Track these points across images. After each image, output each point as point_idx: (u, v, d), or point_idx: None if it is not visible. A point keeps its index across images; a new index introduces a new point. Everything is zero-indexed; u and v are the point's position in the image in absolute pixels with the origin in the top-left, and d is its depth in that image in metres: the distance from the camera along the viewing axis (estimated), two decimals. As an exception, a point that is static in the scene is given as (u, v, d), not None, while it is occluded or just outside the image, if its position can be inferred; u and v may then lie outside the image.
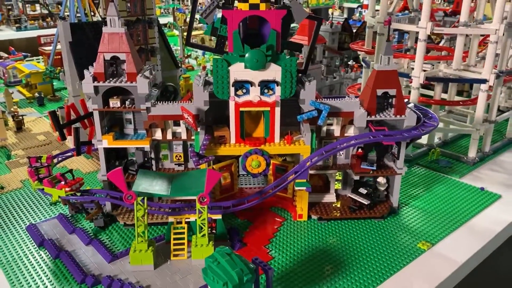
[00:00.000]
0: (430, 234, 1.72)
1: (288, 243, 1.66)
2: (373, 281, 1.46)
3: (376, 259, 1.57)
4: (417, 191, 2.04)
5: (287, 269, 1.52)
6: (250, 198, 1.66)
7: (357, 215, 1.80)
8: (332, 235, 1.71)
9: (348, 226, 1.77)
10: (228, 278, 1.16)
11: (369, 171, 1.78)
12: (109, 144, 1.65)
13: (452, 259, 1.58)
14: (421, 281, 1.48)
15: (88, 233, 1.68)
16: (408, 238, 1.69)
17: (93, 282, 1.43)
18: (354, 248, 1.63)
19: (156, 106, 1.64)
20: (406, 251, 1.61)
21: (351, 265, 1.54)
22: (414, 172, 2.23)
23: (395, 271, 1.51)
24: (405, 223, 1.79)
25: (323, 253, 1.60)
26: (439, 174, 2.20)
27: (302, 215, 1.80)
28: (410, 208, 1.90)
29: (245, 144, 1.68)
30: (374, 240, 1.68)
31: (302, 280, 1.46)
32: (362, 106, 1.70)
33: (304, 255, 1.59)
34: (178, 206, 1.62)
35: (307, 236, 1.71)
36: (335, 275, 1.48)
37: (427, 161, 2.32)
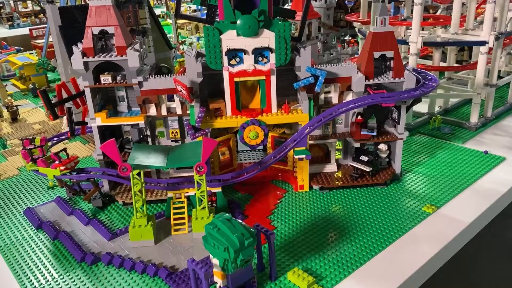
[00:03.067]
0: (434, 197, 1.68)
1: (290, 213, 1.63)
2: (378, 245, 1.43)
3: (381, 223, 1.54)
4: (419, 158, 2.01)
5: (290, 237, 1.49)
6: (249, 169, 1.63)
7: (359, 182, 1.76)
8: (335, 204, 1.68)
9: (351, 194, 1.74)
10: (229, 243, 1.13)
11: (369, 137, 1.74)
12: (103, 121, 1.62)
13: (459, 220, 1.55)
14: (428, 242, 1.44)
15: (86, 214, 1.65)
16: (413, 203, 1.66)
17: (93, 260, 1.40)
18: (358, 215, 1.60)
19: (149, 81, 1.60)
20: (411, 215, 1.58)
21: (356, 230, 1.51)
22: (416, 140, 2.19)
23: (401, 234, 1.48)
24: (408, 189, 1.76)
25: (326, 221, 1.57)
26: (441, 141, 2.16)
27: (303, 185, 1.77)
28: (413, 174, 1.87)
29: (242, 115, 1.65)
30: (378, 206, 1.65)
31: (306, 247, 1.43)
32: (360, 71, 1.66)
33: (307, 224, 1.56)
34: (177, 181, 1.59)
35: (309, 205, 1.67)
36: (340, 241, 1.45)
37: (429, 129, 2.28)
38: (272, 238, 1.26)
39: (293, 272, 1.31)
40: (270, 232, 1.26)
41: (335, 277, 1.30)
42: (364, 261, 1.36)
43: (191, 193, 1.56)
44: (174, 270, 1.35)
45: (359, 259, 1.37)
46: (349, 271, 1.32)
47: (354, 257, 1.38)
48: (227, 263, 1.15)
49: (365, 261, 1.37)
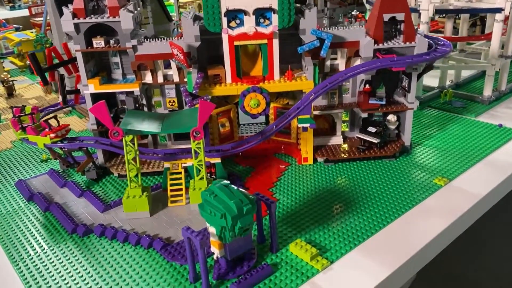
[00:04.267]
0: (446, 170, 1.59)
1: (293, 186, 1.54)
2: (386, 217, 1.35)
3: (389, 196, 1.45)
4: (430, 131, 1.91)
5: (293, 209, 1.41)
6: (250, 140, 1.54)
7: (366, 155, 1.67)
8: (341, 176, 1.59)
9: (357, 166, 1.65)
10: (226, 209, 1.05)
11: (377, 107, 1.65)
12: (96, 89, 1.53)
13: (472, 193, 1.46)
14: (439, 215, 1.36)
15: (80, 186, 1.58)
16: (423, 175, 1.57)
17: (85, 231, 1.33)
18: (364, 187, 1.51)
19: (143, 44, 1.51)
20: (422, 187, 1.49)
21: (362, 203, 1.42)
22: (426, 114, 2.09)
23: (410, 206, 1.40)
24: (419, 161, 1.67)
25: (331, 194, 1.49)
26: (452, 115, 2.06)
27: (307, 158, 1.69)
28: (424, 147, 1.77)
29: (242, 82, 1.56)
30: (386, 178, 1.56)
31: (310, 219, 1.35)
32: (368, 35, 1.56)
33: (311, 196, 1.48)
34: (174, 151, 1.51)
35: (313, 178, 1.59)
36: (345, 214, 1.37)
37: (439, 102, 2.18)
38: (273, 207, 1.18)
39: (295, 244, 1.23)
40: (271, 201, 1.18)
41: (340, 250, 1.22)
42: (371, 234, 1.28)
43: (189, 163, 1.48)
44: (170, 241, 1.28)
45: (365, 231, 1.29)
46: (355, 243, 1.24)
47: (360, 229, 1.30)
48: (225, 231, 1.07)
49: (372, 233, 1.28)
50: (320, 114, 1.72)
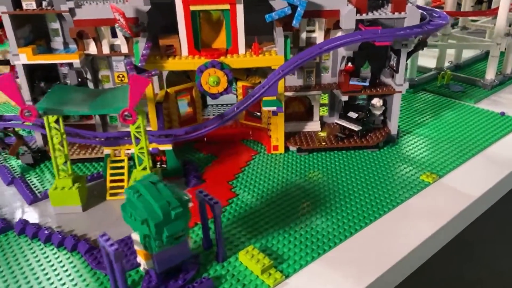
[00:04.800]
0: (437, 164, 1.37)
1: (258, 179, 1.33)
2: (361, 220, 1.13)
3: (367, 194, 1.23)
4: (422, 118, 1.68)
5: (252, 208, 1.20)
6: (208, 124, 1.32)
7: (345, 144, 1.45)
8: (314, 169, 1.37)
9: (334, 157, 1.43)
10: (149, 214, 0.83)
11: (360, 89, 1.42)
12: (29, 59, 1.31)
13: (464, 193, 1.24)
14: (424, 219, 1.14)
15: (12, 172, 1.37)
16: (409, 170, 1.35)
17: (2, 228, 1.12)
18: (339, 183, 1.29)
19: (83, 8, 1.28)
20: (406, 184, 1.28)
21: (334, 202, 1.21)
22: (420, 98, 1.86)
23: (390, 207, 1.18)
24: (405, 153, 1.45)
25: (300, 190, 1.27)
26: (449, 100, 1.83)
27: (278, 146, 1.47)
28: (413, 136, 1.55)
29: (201, 56, 1.33)
30: (366, 173, 1.34)
31: (270, 221, 1.14)
32: (350, 2, 1.32)
33: (276, 192, 1.26)
34: (116, 134, 1.29)
35: (282, 170, 1.37)
36: (313, 215, 1.16)
37: (436, 86, 1.94)
38: (217, 209, 0.96)
39: (246, 252, 1.02)
40: (215, 201, 0.96)
41: (300, 260, 1.01)
42: (339, 241, 1.07)
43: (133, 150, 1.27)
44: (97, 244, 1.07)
45: (333, 237, 1.08)
46: (318, 252, 1.03)
47: (327, 234, 1.09)
48: (149, 240, 0.86)
49: (341, 240, 1.07)
50: (295, 96, 1.49)
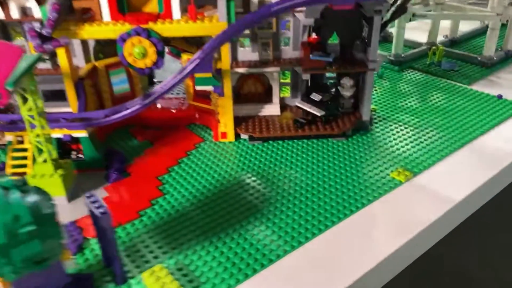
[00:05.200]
0: (412, 159, 1.14)
1: (196, 173, 1.10)
2: (307, 229, 0.90)
3: (322, 196, 1.00)
4: (406, 101, 1.43)
5: (179, 211, 0.97)
6: (132, 104, 1.08)
7: (305, 132, 1.22)
8: (265, 162, 1.14)
9: (292, 148, 1.20)
10: (-13, 232, 0.61)
11: (322, 65, 1.17)
12: None
13: (442, 195, 1.01)
14: (388, 230, 0.92)
15: None
16: (378, 165, 1.11)
17: None
18: (292, 179, 1.06)
19: (-25, -41, 1.04)
20: (371, 183, 1.04)
21: (280, 205, 0.98)
22: (406, 78, 1.61)
23: (347, 214, 0.95)
24: (377, 144, 1.21)
25: (243, 189, 1.04)
26: (440, 80, 1.58)
27: (226, 134, 1.23)
28: (391, 123, 1.31)
29: (125, 21, 1.08)
30: (325, 167, 1.10)
31: (197, 228, 0.92)
32: (310, -43, 1.07)
33: (212, 192, 1.04)
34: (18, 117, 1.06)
35: (227, 163, 1.14)
36: (252, 221, 0.93)
37: (425, 64, 1.69)
38: (104, 222, 0.74)
39: (151, 273, 0.80)
40: (102, 211, 0.74)
41: (221, 283, 0.79)
42: (276, 257, 0.85)
43: (43, 136, 1.04)
44: None
45: (270, 252, 0.85)
46: (245, 273, 0.81)
47: (263, 248, 0.86)
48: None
49: (278, 256, 0.85)
50: (249, 73, 1.25)
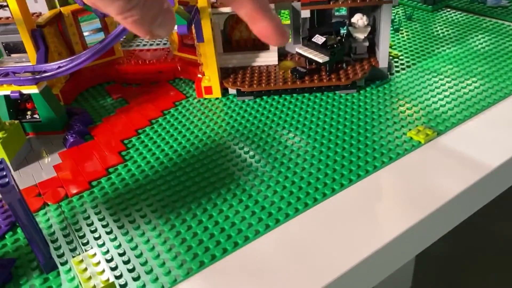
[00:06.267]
0: (438, 114, 0.89)
1: (168, 136, 0.92)
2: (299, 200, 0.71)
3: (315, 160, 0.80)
4: (439, 46, 1.17)
5: (138, 182, 0.80)
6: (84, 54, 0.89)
7: (305, 84, 0.99)
8: (255, 121, 0.94)
9: (289, 104, 0.98)
10: None
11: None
12: None
13: (474, 160, 0.77)
14: (397, 207, 0.70)
15: None
16: (394, 122, 0.88)
17: None
18: (282, 142, 0.85)
19: None
20: (381, 145, 0.82)
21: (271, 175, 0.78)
22: (440, 19, 1.33)
23: (344, 184, 0.74)
24: (396, 96, 0.97)
25: (219, 154, 0.85)
26: (484, 19, 1.29)
27: (211, 88, 1.04)
28: (417, 71, 1.06)
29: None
30: (327, 126, 0.88)
31: (157, 201, 0.74)
32: None
33: (183, 159, 0.85)
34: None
35: (208, 123, 0.95)
36: (232, 195, 0.75)
37: (466, 1, 1.39)
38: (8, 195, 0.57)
39: (80, 261, 0.63)
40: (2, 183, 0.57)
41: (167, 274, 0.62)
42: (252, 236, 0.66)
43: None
44: None
45: (236, 235, 0.67)
46: (202, 260, 0.63)
47: (230, 229, 0.68)
48: None
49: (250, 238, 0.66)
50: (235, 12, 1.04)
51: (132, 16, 0.39)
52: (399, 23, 1.28)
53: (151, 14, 0.40)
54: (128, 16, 0.39)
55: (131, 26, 0.41)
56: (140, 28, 0.41)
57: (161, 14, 0.41)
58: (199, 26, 0.95)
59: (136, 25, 0.40)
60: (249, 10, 0.46)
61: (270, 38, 0.48)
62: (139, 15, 0.39)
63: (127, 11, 0.39)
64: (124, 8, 0.39)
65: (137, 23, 0.40)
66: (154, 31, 0.42)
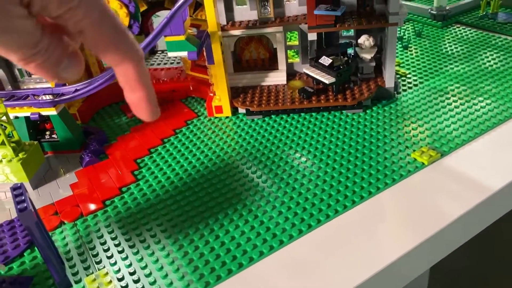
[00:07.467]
0: (443, 134, 0.90)
1: (179, 156, 0.95)
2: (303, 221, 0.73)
3: (319, 181, 0.82)
4: (448, 63, 1.18)
5: (150, 201, 0.83)
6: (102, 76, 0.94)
7: (312, 104, 1.02)
8: (263, 141, 0.97)
9: (297, 123, 1.01)
10: None
11: (332, 21, 0.96)
12: None
13: (477, 182, 0.78)
14: (401, 228, 0.72)
15: None
16: (398, 143, 0.90)
17: None
18: (288, 161, 0.88)
19: None
20: (384, 166, 0.83)
21: (268, 192, 0.81)
22: (450, 35, 1.34)
23: (348, 206, 0.76)
24: (401, 116, 0.98)
25: (233, 174, 0.88)
26: (493, 36, 1.29)
27: (221, 108, 1.07)
28: (423, 90, 1.07)
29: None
30: (333, 146, 0.91)
31: (167, 221, 0.78)
32: None
33: (192, 178, 0.88)
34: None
35: (218, 142, 0.98)
36: (239, 216, 0.77)
37: (476, 16, 1.40)
38: (26, 219, 0.61)
39: (93, 279, 0.67)
40: (21, 208, 0.60)
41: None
42: (257, 257, 0.69)
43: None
44: None
45: (241, 256, 0.69)
46: (204, 283, 0.66)
47: (235, 250, 0.70)
48: None
49: (255, 258, 0.69)
50: (248, 35, 1.07)
51: (35, 61, 0.39)
52: (408, 40, 1.30)
53: (55, 57, 0.40)
54: (31, 61, 0.39)
55: (36, 70, 0.41)
56: (45, 71, 0.41)
57: (65, 57, 0.41)
58: (210, 49, 0.98)
59: (41, 68, 0.40)
60: (130, 78, 0.45)
61: (142, 110, 0.47)
62: (42, 59, 0.40)
63: (30, 56, 0.39)
64: (26, 54, 0.39)
65: (41, 67, 0.40)
66: (61, 74, 0.42)
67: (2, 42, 0.37)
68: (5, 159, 0.87)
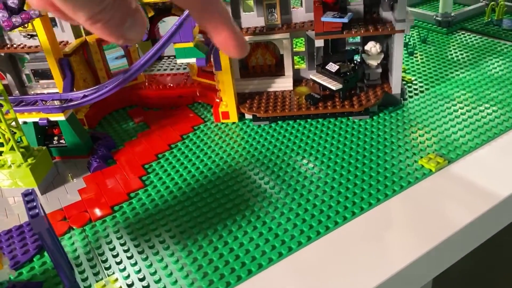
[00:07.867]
0: (450, 141, 0.91)
1: (186, 161, 0.96)
2: (311, 228, 0.74)
3: (327, 188, 0.82)
4: (453, 70, 1.18)
5: (158, 207, 0.84)
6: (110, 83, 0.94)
7: (319, 110, 1.02)
8: (269, 147, 0.97)
9: (303, 129, 1.01)
10: None
11: (339, 28, 0.96)
12: None
13: (485, 189, 0.79)
14: (408, 236, 0.72)
15: None
16: (405, 149, 0.90)
17: None
18: (296, 168, 0.88)
19: None
20: (392, 173, 0.84)
21: (276, 199, 0.81)
22: (455, 42, 1.34)
23: (356, 213, 0.76)
24: (408, 123, 0.99)
25: (234, 180, 0.88)
26: (498, 43, 1.30)
27: (228, 113, 1.07)
28: (429, 97, 1.07)
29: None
30: (340, 153, 0.91)
31: (175, 227, 0.78)
32: None
33: (200, 184, 0.89)
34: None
35: (225, 148, 0.98)
36: (247, 221, 0.78)
37: (481, 23, 1.40)
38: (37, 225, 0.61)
39: (102, 286, 0.67)
40: (33, 214, 0.61)
41: (183, 302, 0.65)
42: (266, 263, 0.69)
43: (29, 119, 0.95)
44: None
45: (249, 263, 0.70)
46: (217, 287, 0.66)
47: (244, 256, 0.71)
48: None
49: (264, 265, 0.69)
50: (254, 42, 1.07)
51: (101, 20, 0.38)
52: (414, 47, 1.30)
53: (119, 15, 0.39)
54: (97, 20, 0.38)
55: (101, 31, 0.39)
56: (110, 31, 0.39)
57: (130, 14, 0.40)
58: (217, 55, 0.99)
59: (106, 28, 0.39)
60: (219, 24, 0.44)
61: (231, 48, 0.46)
62: (108, 17, 0.38)
63: (96, 14, 0.38)
64: (93, 11, 0.38)
65: (107, 26, 0.39)
66: (126, 34, 0.40)
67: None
68: (14, 164, 0.87)
